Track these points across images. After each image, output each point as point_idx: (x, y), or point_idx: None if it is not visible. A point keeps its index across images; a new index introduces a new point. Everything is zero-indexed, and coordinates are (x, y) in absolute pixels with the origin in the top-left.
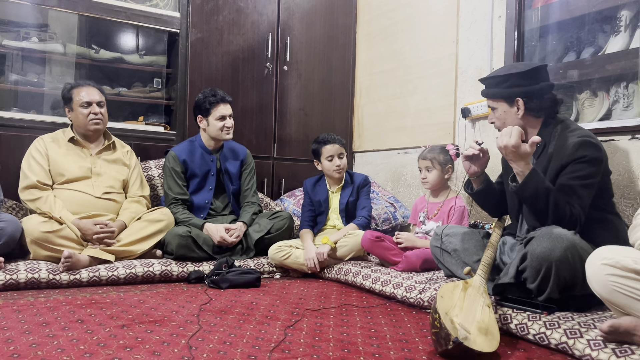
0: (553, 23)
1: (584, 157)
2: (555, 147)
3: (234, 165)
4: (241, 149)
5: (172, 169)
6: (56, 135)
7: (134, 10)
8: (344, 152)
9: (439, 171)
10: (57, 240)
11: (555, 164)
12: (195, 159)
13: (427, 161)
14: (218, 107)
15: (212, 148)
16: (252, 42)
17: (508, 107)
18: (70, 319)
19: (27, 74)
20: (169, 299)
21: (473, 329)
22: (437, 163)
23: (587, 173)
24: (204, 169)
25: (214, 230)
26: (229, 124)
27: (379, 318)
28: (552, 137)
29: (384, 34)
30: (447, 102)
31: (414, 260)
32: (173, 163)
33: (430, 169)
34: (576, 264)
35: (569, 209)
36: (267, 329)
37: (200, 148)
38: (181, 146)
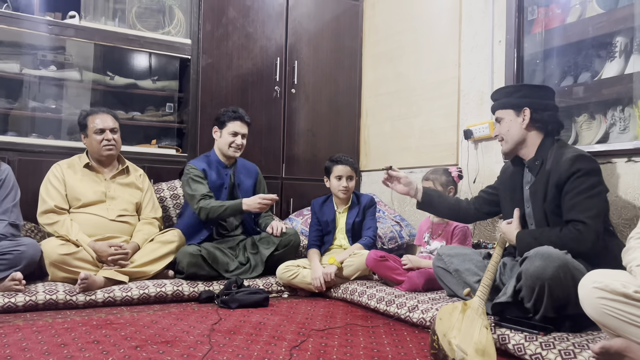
0: (551, 48)
1: (580, 170)
2: (552, 163)
3: (247, 180)
4: (252, 166)
5: (194, 175)
6: (72, 161)
7: (147, 38)
8: (353, 175)
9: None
10: (74, 262)
11: (553, 179)
12: (212, 171)
13: (429, 182)
14: (234, 123)
15: (227, 162)
16: (260, 66)
17: (515, 116)
18: (87, 340)
19: (46, 100)
20: (180, 319)
21: (470, 350)
22: (439, 184)
23: (589, 185)
24: (218, 182)
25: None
26: (239, 142)
27: (382, 338)
28: (549, 155)
29: (389, 56)
30: (450, 124)
31: (416, 281)
32: (194, 172)
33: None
34: (568, 282)
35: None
36: (273, 349)
37: (215, 162)
38: (198, 160)
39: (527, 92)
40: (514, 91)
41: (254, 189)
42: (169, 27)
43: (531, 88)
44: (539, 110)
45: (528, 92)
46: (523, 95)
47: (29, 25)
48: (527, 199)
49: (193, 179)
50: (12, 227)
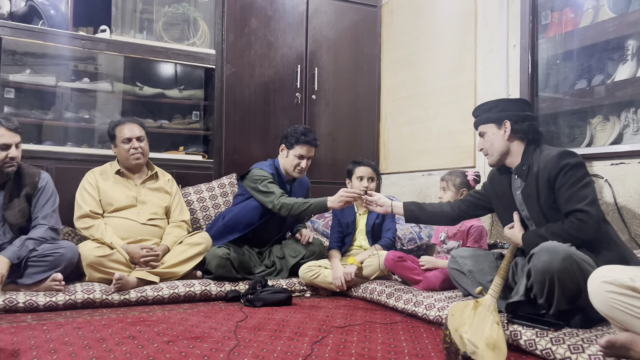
0: (565, 52)
1: (567, 164)
2: (539, 165)
3: (301, 193)
4: (306, 181)
5: (266, 177)
6: (104, 168)
7: (174, 49)
8: (374, 177)
9: (453, 192)
10: (108, 263)
11: (543, 178)
12: (277, 180)
13: (444, 182)
14: (302, 147)
15: (288, 177)
16: (282, 74)
17: (496, 129)
18: (123, 335)
19: (79, 111)
20: (208, 317)
21: (481, 344)
22: (452, 185)
23: (579, 176)
24: None
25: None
26: (304, 165)
27: (400, 334)
28: (534, 160)
29: (407, 61)
30: (467, 127)
31: (433, 280)
32: (267, 174)
33: (445, 189)
34: (576, 273)
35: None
36: (296, 344)
37: (280, 175)
38: (266, 166)
39: (506, 106)
40: (493, 106)
41: None
42: (194, 38)
43: (509, 102)
44: (519, 122)
45: (506, 106)
46: (502, 109)
47: (64, 41)
48: (520, 203)
49: (269, 180)
50: (52, 231)
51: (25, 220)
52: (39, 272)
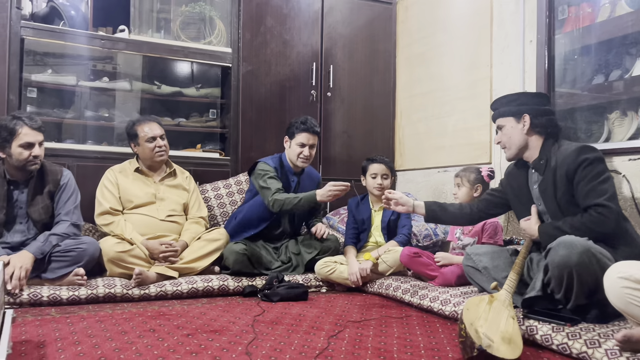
0: (582, 47)
1: (587, 159)
2: (557, 159)
3: (310, 187)
4: (316, 175)
5: (268, 171)
6: (123, 166)
7: (191, 48)
8: (388, 174)
9: (468, 189)
10: (129, 259)
11: (561, 172)
12: (282, 173)
13: (458, 178)
14: (301, 135)
15: (295, 170)
16: (297, 72)
17: (515, 122)
18: (144, 328)
19: (99, 109)
20: (226, 311)
21: (496, 338)
22: (467, 181)
23: (598, 171)
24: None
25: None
26: (306, 153)
27: (415, 329)
28: (552, 154)
29: (422, 58)
30: (483, 123)
31: (449, 276)
32: (267, 168)
33: (460, 186)
34: (594, 267)
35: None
36: (312, 338)
37: (286, 168)
38: (272, 159)
39: (525, 100)
40: (513, 100)
41: None
42: (211, 37)
43: (528, 95)
44: (538, 116)
45: (526, 100)
46: (521, 102)
47: (84, 40)
48: (537, 197)
49: (268, 175)
50: (74, 227)
51: (49, 216)
52: (62, 267)
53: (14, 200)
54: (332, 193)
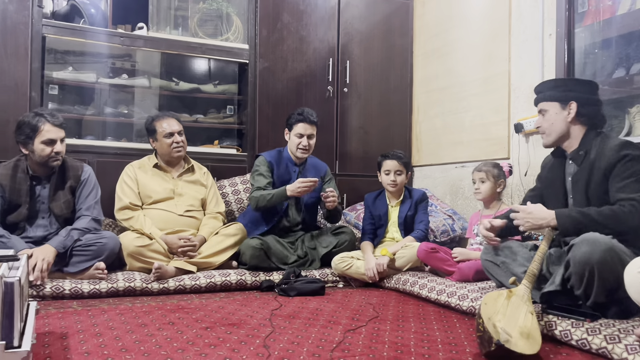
0: (602, 40)
1: (627, 155)
2: (597, 153)
3: (315, 177)
4: (322, 165)
5: (259, 167)
6: (142, 162)
7: (208, 45)
8: (403, 170)
9: (492, 183)
10: (148, 253)
11: (599, 166)
12: (280, 166)
13: (481, 173)
14: (298, 125)
15: (296, 161)
16: (314, 68)
17: (560, 109)
18: (163, 321)
19: (118, 106)
20: (244, 305)
21: (515, 333)
22: (491, 176)
23: (636, 169)
24: (285, 177)
25: None
26: (305, 143)
27: (433, 324)
28: (592, 146)
29: (439, 53)
30: (501, 118)
31: (466, 272)
32: (262, 163)
33: (484, 180)
34: (616, 265)
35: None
36: (329, 332)
37: (286, 158)
38: (270, 152)
39: (574, 86)
40: (561, 84)
41: (321, 187)
42: (228, 34)
43: (577, 82)
44: (585, 105)
45: (574, 86)
46: (569, 89)
47: (104, 38)
48: (569, 189)
49: (258, 171)
50: (95, 222)
51: (70, 211)
52: (83, 260)
53: (36, 195)
54: (301, 189)
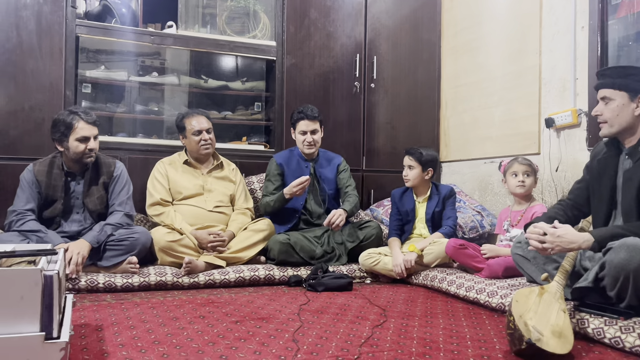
0: (636, 32)
1: None
2: None
3: (329, 171)
4: (336, 157)
5: (269, 172)
6: (173, 158)
7: (236, 42)
8: (414, 165)
9: (534, 177)
10: (178, 248)
11: None
12: (291, 164)
13: (526, 166)
14: (300, 123)
15: (307, 157)
16: (341, 63)
17: (628, 100)
18: (194, 315)
19: (149, 104)
20: (272, 300)
21: (546, 332)
22: (533, 170)
23: None
24: (297, 174)
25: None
26: (309, 139)
27: (461, 320)
28: None
29: (468, 47)
30: (531, 113)
31: (496, 268)
32: (271, 166)
33: (529, 174)
34: None
35: None
36: (357, 327)
37: (297, 156)
38: (281, 153)
39: None
40: (633, 73)
41: (335, 180)
42: (256, 31)
43: None
44: None
45: None
46: None
47: (134, 37)
48: (619, 186)
49: (267, 177)
50: (127, 217)
51: (103, 207)
52: (116, 255)
53: (71, 191)
54: (294, 190)
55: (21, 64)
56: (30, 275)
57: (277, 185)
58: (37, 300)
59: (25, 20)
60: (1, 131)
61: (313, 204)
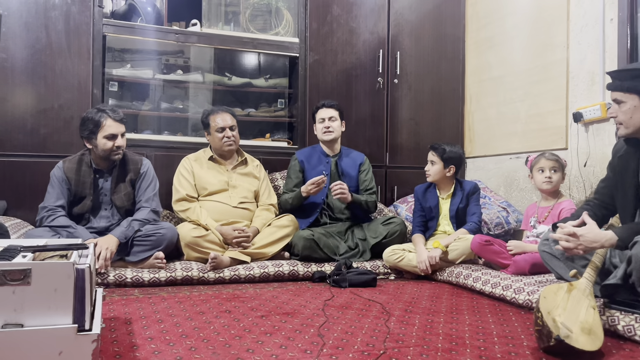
0: None
1: None
2: None
3: (351, 167)
4: (359, 155)
5: (290, 168)
6: (198, 155)
7: (260, 39)
8: (435, 160)
9: (562, 174)
10: (204, 243)
11: None
12: (312, 160)
13: (553, 162)
14: (319, 112)
15: (329, 152)
16: (364, 60)
17: (639, 102)
18: (220, 309)
19: (174, 101)
20: (297, 295)
21: (575, 329)
22: (561, 166)
23: None
24: (318, 170)
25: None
26: (327, 125)
27: (487, 317)
28: None
29: (493, 41)
30: (558, 107)
31: (522, 265)
32: (292, 163)
33: (556, 169)
34: None
35: None
36: (382, 322)
37: (319, 152)
38: (303, 150)
39: None
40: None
41: (357, 178)
42: (278, 28)
43: None
44: None
45: None
46: None
47: (160, 35)
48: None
49: (288, 173)
50: (154, 213)
51: (130, 203)
52: (143, 250)
53: (99, 188)
54: (310, 188)
55: (51, 63)
56: (63, 268)
57: (296, 182)
58: (69, 293)
59: (54, 21)
60: (32, 130)
61: (334, 199)
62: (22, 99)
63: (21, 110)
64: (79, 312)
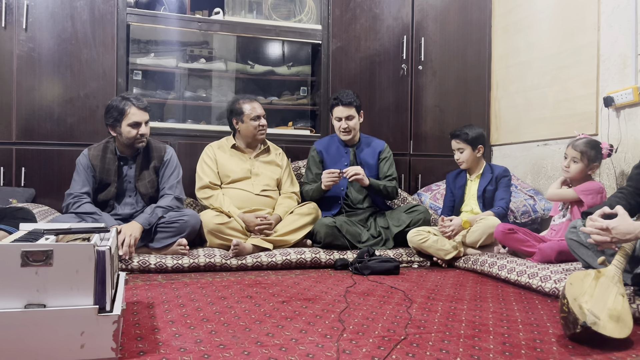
0: None
1: None
2: None
3: (371, 156)
4: (379, 143)
5: (309, 159)
6: (221, 142)
7: (282, 27)
8: (462, 146)
9: (584, 165)
10: (227, 231)
11: None
12: (330, 150)
13: (576, 152)
14: (335, 109)
15: (348, 143)
16: (387, 46)
17: None
18: (242, 295)
19: (197, 90)
20: (319, 282)
21: (603, 316)
22: (586, 158)
23: None
24: (337, 160)
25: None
26: (344, 125)
27: (512, 305)
28: None
29: (520, 25)
30: (589, 92)
31: (548, 252)
32: (311, 154)
33: (576, 160)
34: None
35: None
36: (404, 309)
37: (337, 142)
38: (322, 140)
39: None
40: None
41: (377, 166)
42: (301, 15)
43: None
44: None
45: None
46: None
47: (183, 24)
48: None
49: (307, 166)
50: (177, 201)
51: (154, 190)
52: (167, 237)
53: (123, 175)
54: (326, 182)
55: (76, 53)
56: (84, 250)
57: (315, 172)
58: (90, 275)
59: (80, 11)
60: (59, 118)
61: (354, 192)
62: (49, 89)
63: (48, 100)
64: (100, 293)
